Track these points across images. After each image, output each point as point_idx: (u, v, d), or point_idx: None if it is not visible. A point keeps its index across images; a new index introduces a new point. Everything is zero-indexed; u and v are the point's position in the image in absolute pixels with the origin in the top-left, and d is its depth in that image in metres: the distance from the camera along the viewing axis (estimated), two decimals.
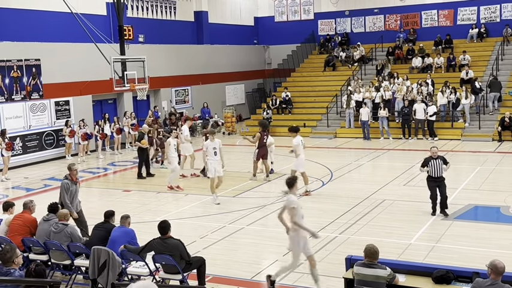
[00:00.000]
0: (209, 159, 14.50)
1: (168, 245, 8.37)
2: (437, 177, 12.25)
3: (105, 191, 16.84)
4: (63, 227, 9.26)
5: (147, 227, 11.94)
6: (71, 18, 21.80)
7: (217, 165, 14.40)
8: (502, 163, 18.47)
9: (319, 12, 34.11)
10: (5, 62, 20.38)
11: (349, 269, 7.53)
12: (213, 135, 14.82)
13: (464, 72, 26.02)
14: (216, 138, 14.78)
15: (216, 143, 14.52)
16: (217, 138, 15.00)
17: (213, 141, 14.55)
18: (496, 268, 6.36)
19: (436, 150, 12.34)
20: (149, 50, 25.18)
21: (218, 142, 14.59)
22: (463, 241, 10.90)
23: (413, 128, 23.94)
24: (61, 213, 9.48)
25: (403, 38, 30.96)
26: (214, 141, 14.58)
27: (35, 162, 21.19)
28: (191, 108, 29.15)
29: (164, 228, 8.52)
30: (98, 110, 24.41)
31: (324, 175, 17.37)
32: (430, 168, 12.26)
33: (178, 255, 8.33)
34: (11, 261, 6.62)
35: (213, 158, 14.39)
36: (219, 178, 14.53)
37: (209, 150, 14.47)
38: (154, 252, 8.45)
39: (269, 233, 11.49)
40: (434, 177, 12.26)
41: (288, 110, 28.48)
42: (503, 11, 29.67)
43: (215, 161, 14.39)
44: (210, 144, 14.53)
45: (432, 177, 12.29)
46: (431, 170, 12.25)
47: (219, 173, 14.48)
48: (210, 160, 14.46)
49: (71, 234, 9.20)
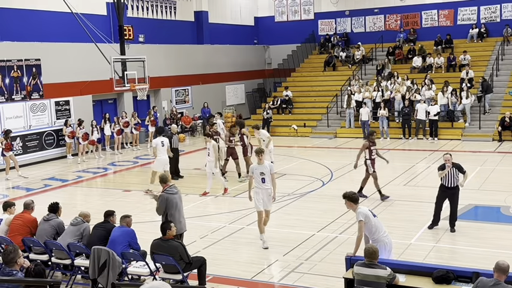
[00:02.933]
0: (256, 188, 10.95)
1: (168, 247, 8.38)
2: (451, 187, 11.26)
3: (105, 191, 16.83)
4: (81, 222, 9.42)
5: (147, 227, 11.94)
6: (71, 18, 21.80)
7: (266, 196, 10.98)
8: (502, 163, 18.47)
9: (319, 12, 34.10)
10: (5, 62, 20.37)
11: (349, 269, 7.53)
12: (261, 155, 10.97)
13: (464, 72, 26.03)
14: (265, 160, 11.19)
15: (265, 166, 10.89)
16: (267, 160, 11.55)
17: (260, 164, 10.96)
18: (499, 267, 6.37)
19: (449, 158, 11.28)
20: (149, 50, 25.18)
21: (268, 165, 10.98)
22: (463, 241, 10.91)
23: (413, 128, 23.94)
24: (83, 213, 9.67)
25: (403, 38, 30.96)
26: (263, 163, 10.95)
27: (35, 162, 21.19)
28: (191, 108, 29.15)
29: (164, 229, 8.53)
30: (98, 110, 24.40)
31: (324, 175, 17.37)
32: (444, 178, 11.33)
33: (178, 257, 8.34)
34: (14, 262, 6.62)
35: (261, 186, 10.89)
36: (266, 213, 11.17)
37: (255, 175, 10.92)
38: (155, 253, 8.46)
39: (269, 233, 11.48)
40: (447, 186, 11.30)
41: (288, 110, 28.49)
42: (503, 11, 29.67)
43: (263, 190, 10.95)
44: (256, 168, 10.93)
45: (445, 186, 11.33)
46: (444, 178, 11.31)
47: (266, 206, 11.04)
48: (256, 189, 10.95)
49: (83, 231, 9.35)
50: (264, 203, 10.95)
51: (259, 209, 10.96)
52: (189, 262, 8.49)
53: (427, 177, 16.78)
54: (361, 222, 8.01)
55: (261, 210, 10.95)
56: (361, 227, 8.02)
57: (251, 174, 11.04)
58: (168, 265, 8.41)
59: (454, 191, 11.35)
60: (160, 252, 8.38)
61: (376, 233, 8.05)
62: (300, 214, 13.02)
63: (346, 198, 8.26)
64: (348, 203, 8.27)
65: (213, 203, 14.53)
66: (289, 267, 9.82)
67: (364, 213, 8.04)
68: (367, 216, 8.04)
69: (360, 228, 8.03)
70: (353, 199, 8.25)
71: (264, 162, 10.95)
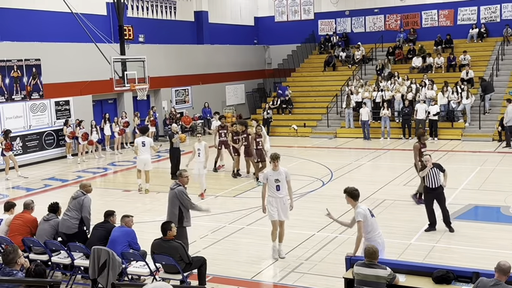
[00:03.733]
0: (269, 196, 10.12)
1: (168, 247, 8.39)
2: (435, 187, 11.31)
3: (105, 191, 16.83)
4: (81, 195, 9.70)
5: (147, 227, 11.94)
6: (71, 18, 21.80)
7: (281, 205, 10.08)
8: (502, 163, 18.47)
9: (319, 12, 34.10)
10: (5, 62, 20.37)
11: (349, 269, 7.53)
12: (276, 161, 10.12)
13: (464, 72, 26.03)
14: (281, 167, 10.22)
15: (280, 172, 10.07)
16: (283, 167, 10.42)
17: (276, 170, 10.12)
18: (500, 267, 6.38)
19: (429, 158, 11.34)
20: (149, 50, 25.18)
21: (284, 172, 10.13)
22: (463, 241, 10.90)
23: (413, 128, 23.93)
24: (84, 184, 10.03)
25: (403, 38, 30.96)
26: (278, 170, 10.14)
27: (35, 162, 21.19)
28: (191, 108, 29.15)
29: (164, 229, 8.54)
30: (98, 110, 24.41)
31: (324, 175, 17.37)
32: (426, 179, 11.36)
33: (178, 257, 8.35)
34: (14, 262, 6.62)
35: (275, 195, 10.03)
36: (281, 223, 10.25)
37: (270, 182, 10.11)
38: (155, 253, 8.47)
39: (269, 233, 11.47)
40: (431, 187, 11.32)
41: (288, 110, 28.49)
42: (503, 11, 29.66)
43: (277, 199, 10.04)
44: (271, 175, 10.12)
45: (429, 187, 11.34)
46: (427, 180, 11.31)
47: (281, 217, 10.14)
48: (270, 198, 10.11)
49: (83, 202, 9.62)
50: (279, 213, 10.05)
51: (273, 218, 10.09)
52: (189, 262, 8.49)
53: None
54: (360, 223, 8.03)
55: (275, 219, 10.10)
56: (360, 227, 8.04)
57: (264, 181, 10.22)
58: (168, 265, 8.42)
59: (439, 191, 11.34)
60: (161, 252, 8.38)
61: (371, 233, 8.09)
62: (300, 214, 13.01)
63: (347, 194, 8.29)
64: (348, 198, 8.29)
65: (213, 203, 14.52)
66: (289, 267, 9.82)
67: (363, 214, 8.06)
68: (365, 216, 8.07)
69: (360, 229, 8.05)
70: (353, 195, 8.26)
71: (280, 168, 10.09)
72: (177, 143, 17.24)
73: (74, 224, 9.58)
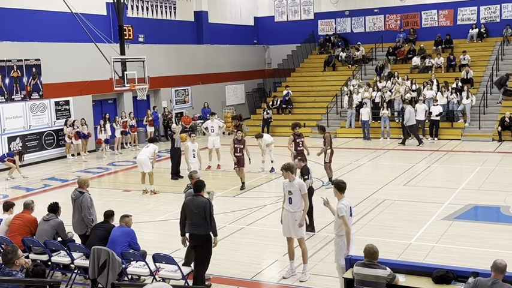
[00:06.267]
0: (285, 209, 9.37)
1: (195, 202, 8.69)
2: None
3: (105, 191, 16.83)
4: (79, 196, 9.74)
5: (147, 227, 11.94)
6: (71, 18, 21.80)
7: (291, 220, 9.20)
8: (502, 163, 18.47)
9: (319, 12, 34.11)
10: (5, 62, 20.37)
11: (349, 269, 7.53)
12: (292, 171, 9.30)
13: (464, 72, 26.04)
14: (297, 178, 9.49)
15: (294, 184, 9.18)
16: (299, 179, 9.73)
17: (292, 181, 9.24)
18: (496, 266, 6.37)
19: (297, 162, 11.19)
20: (149, 50, 25.18)
21: (298, 184, 9.20)
22: (463, 241, 10.90)
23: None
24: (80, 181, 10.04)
25: (403, 38, 30.96)
26: (292, 180, 9.28)
27: (35, 162, 21.19)
28: (191, 108, 29.16)
29: (199, 186, 8.84)
30: (98, 110, 24.41)
31: (324, 175, 17.34)
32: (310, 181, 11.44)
33: (203, 212, 8.61)
34: (13, 262, 6.62)
35: (288, 208, 9.23)
36: (300, 242, 9.31)
37: (285, 193, 9.34)
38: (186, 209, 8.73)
39: (269, 233, 11.49)
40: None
41: (288, 110, 28.49)
42: (503, 11, 29.67)
43: (288, 214, 9.23)
44: (286, 185, 9.28)
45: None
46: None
47: (289, 233, 9.31)
48: (285, 210, 9.35)
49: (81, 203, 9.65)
50: (288, 230, 9.23)
51: (283, 233, 9.41)
52: (210, 223, 8.68)
53: (427, 177, 16.80)
54: (344, 217, 8.13)
55: (285, 235, 9.39)
56: (346, 221, 8.14)
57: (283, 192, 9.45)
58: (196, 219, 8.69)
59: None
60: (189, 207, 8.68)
61: (343, 230, 8.19)
62: None
63: (334, 185, 8.45)
64: (335, 190, 8.41)
65: (213, 203, 14.47)
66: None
67: (345, 209, 8.17)
68: (346, 212, 8.18)
69: (346, 223, 8.15)
70: (339, 187, 8.39)
71: (296, 179, 9.24)
72: (178, 142, 17.31)
73: (84, 225, 9.70)
